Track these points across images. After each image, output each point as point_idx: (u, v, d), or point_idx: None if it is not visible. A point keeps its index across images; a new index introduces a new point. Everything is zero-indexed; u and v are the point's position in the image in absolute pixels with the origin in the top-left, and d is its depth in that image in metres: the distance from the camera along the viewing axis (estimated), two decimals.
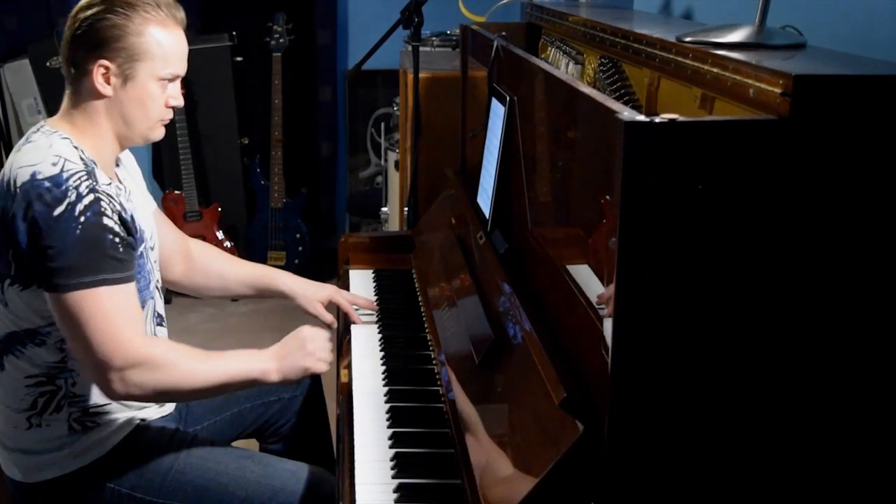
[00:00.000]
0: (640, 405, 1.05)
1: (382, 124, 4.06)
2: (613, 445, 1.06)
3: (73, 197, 1.51)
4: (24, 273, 1.56)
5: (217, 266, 2.07)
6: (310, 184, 4.50)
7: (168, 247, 1.96)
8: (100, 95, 1.61)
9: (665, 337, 1.03)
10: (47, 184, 1.51)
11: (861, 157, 1.02)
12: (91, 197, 1.53)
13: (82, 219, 1.51)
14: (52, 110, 4.18)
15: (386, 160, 3.78)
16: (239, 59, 4.31)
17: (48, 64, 4.05)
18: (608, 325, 1.05)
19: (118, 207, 1.59)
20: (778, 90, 1.02)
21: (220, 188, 4.44)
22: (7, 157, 4.13)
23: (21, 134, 4.18)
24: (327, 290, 2.09)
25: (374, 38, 2.47)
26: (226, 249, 4.08)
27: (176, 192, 4.15)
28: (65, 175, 1.53)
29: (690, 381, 1.05)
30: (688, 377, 1.05)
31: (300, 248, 4.34)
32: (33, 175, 1.52)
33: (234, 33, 4.25)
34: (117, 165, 1.74)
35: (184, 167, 4.09)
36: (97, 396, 1.67)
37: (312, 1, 4.44)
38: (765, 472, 1.10)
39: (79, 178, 1.54)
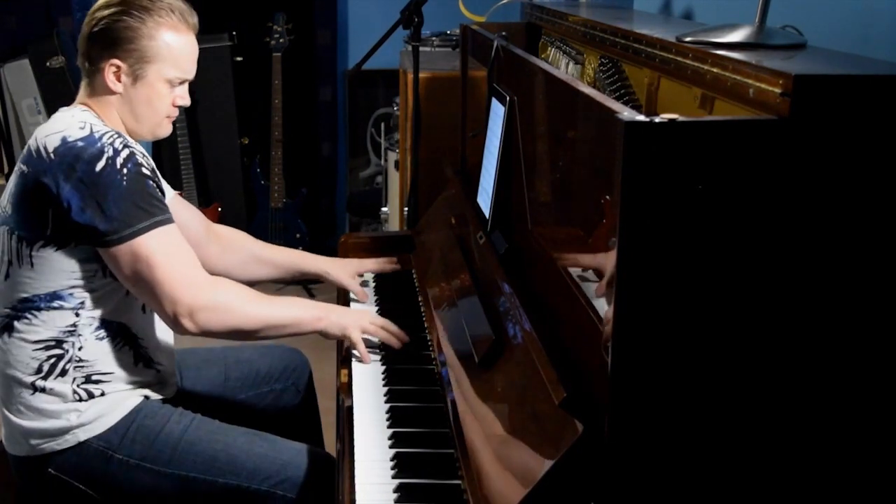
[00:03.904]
0: (640, 405, 1.05)
1: (382, 124, 4.06)
2: (613, 445, 1.06)
3: (110, 152, 1.60)
4: (63, 233, 1.62)
5: (252, 248, 2.14)
6: (310, 184, 4.50)
7: (193, 227, 2.01)
8: (111, 91, 1.70)
9: (665, 337, 1.03)
10: (81, 143, 1.60)
11: (861, 157, 1.02)
12: (127, 151, 1.62)
13: (124, 170, 1.59)
14: (52, 110, 4.16)
15: (386, 160, 3.78)
16: (239, 59, 4.31)
17: (48, 64, 4.05)
18: (608, 326, 1.05)
19: (150, 162, 1.69)
20: (778, 90, 1.02)
21: (220, 188, 4.44)
22: (6, 157, 4.14)
23: (21, 134, 4.19)
24: (354, 265, 2.20)
25: (374, 38, 2.47)
26: None
27: (176, 191, 4.14)
28: (96, 135, 1.61)
29: (690, 381, 1.05)
30: (688, 377, 1.05)
31: (300, 248, 4.34)
32: (64, 139, 1.61)
33: (234, 33, 4.25)
34: None
35: (184, 167, 4.09)
36: (102, 363, 1.70)
37: (312, 1, 4.44)
38: (765, 472, 1.10)
39: (111, 136, 1.63)
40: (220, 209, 4.22)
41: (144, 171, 1.63)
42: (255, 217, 4.36)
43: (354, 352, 1.81)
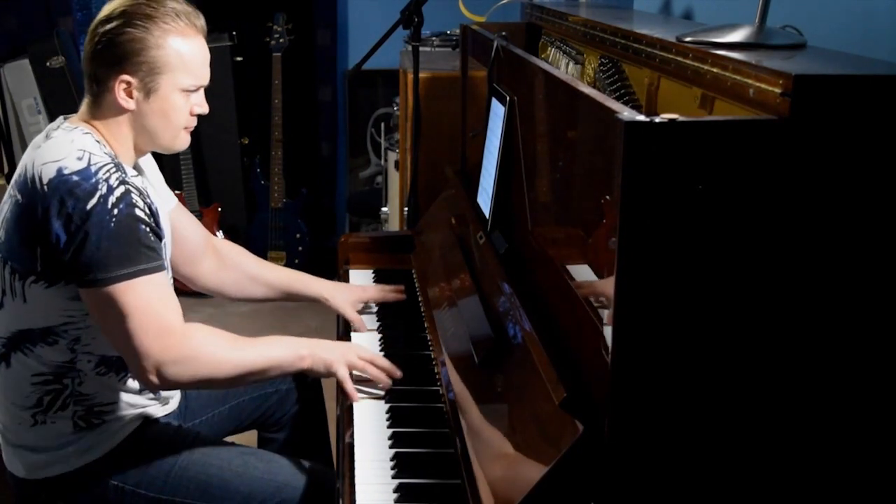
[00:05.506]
0: (640, 405, 1.05)
1: (382, 124, 4.06)
2: (613, 445, 1.06)
3: (104, 189, 1.51)
4: (52, 270, 1.56)
5: (248, 266, 2.06)
6: (310, 184, 4.50)
7: (193, 240, 1.96)
8: (123, 110, 1.61)
9: (665, 337, 1.04)
10: (76, 178, 1.51)
11: (861, 157, 1.02)
12: (122, 189, 1.53)
13: (115, 211, 1.51)
14: (52, 110, 4.18)
15: (386, 160, 3.78)
16: (239, 59, 4.31)
17: (48, 64, 4.05)
18: (608, 326, 1.05)
19: (147, 199, 1.60)
20: (778, 90, 1.02)
21: (220, 188, 4.44)
22: (6, 156, 4.12)
23: (21, 134, 4.18)
24: (357, 293, 2.10)
25: (374, 38, 2.47)
26: None
27: (176, 191, 4.14)
28: (93, 168, 1.53)
29: (690, 381, 1.06)
30: (688, 377, 1.05)
31: (300, 248, 4.34)
32: (59, 171, 1.52)
33: (234, 33, 4.25)
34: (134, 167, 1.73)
35: (184, 167, 4.09)
36: (103, 396, 1.67)
37: (312, 1, 4.44)
38: (765, 472, 1.10)
39: (108, 171, 1.54)
40: (220, 209, 4.22)
41: (138, 212, 1.54)
42: (255, 217, 4.36)
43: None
